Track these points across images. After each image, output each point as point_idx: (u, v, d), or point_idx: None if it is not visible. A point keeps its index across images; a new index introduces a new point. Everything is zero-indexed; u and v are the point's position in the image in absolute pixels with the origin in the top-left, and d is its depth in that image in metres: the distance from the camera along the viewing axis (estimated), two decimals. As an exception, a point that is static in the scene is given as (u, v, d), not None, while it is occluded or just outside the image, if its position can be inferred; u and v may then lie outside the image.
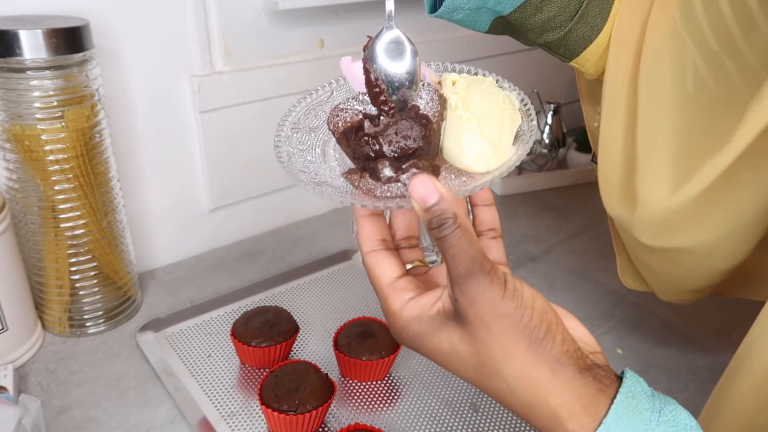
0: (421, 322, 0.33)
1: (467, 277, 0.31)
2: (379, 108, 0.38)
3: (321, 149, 0.40)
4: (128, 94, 0.75)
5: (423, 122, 0.36)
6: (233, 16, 0.79)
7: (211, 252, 0.90)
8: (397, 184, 0.35)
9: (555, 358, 0.31)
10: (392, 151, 0.36)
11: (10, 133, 0.61)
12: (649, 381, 0.69)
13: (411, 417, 0.61)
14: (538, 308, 0.32)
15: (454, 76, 0.39)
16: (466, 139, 0.36)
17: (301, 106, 0.42)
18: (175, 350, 0.68)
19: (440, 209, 0.31)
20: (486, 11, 0.52)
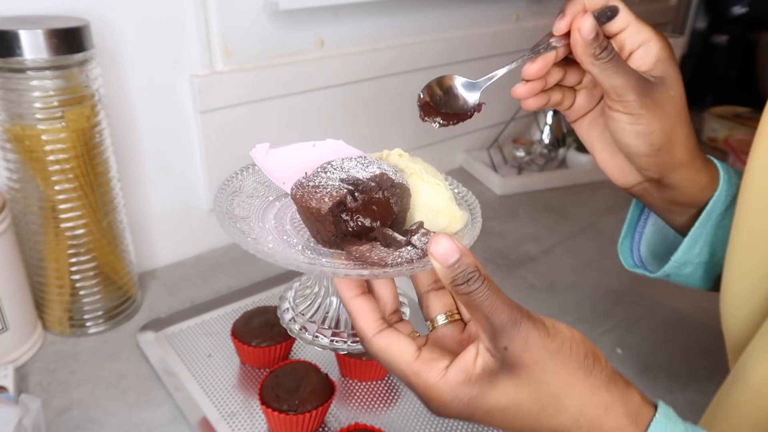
0: (471, 385, 0.32)
1: (513, 324, 0.31)
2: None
3: (271, 236, 0.38)
4: (128, 94, 0.75)
5: (398, 192, 0.36)
6: (233, 16, 0.79)
7: (211, 252, 0.90)
8: (407, 249, 0.34)
9: (608, 378, 0.33)
10: (375, 224, 0.36)
11: (10, 133, 0.61)
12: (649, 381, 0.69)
13: (411, 417, 0.61)
14: (578, 339, 0.33)
15: (397, 150, 0.40)
16: (439, 203, 0.37)
17: (223, 197, 0.40)
18: (175, 350, 0.68)
19: (464, 264, 0.31)
20: (715, 264, 0.49)
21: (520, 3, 1.16)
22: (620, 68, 0.40)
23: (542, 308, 0.79)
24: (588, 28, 0.39)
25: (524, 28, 1.18)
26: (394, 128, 1.05)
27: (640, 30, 0.43)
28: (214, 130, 0.83)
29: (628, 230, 0.54)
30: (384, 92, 0.99)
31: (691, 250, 0.47)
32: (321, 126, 0.94)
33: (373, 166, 0.37)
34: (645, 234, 0.53)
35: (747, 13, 1.45)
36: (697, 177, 0.45)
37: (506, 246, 0.93)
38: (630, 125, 0.42)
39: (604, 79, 0.40)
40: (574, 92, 0.47)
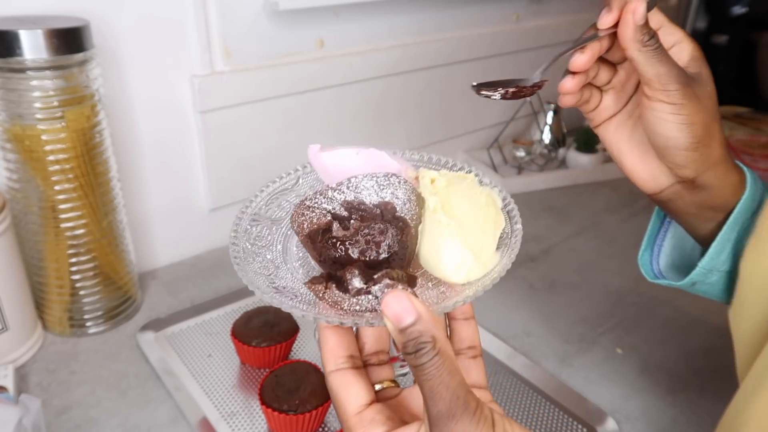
0: None
1: (449, 418, 0.27)
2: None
3: (282, 245, 0.36)
4: (128, 94, 0.75)
5: (399, 225, 0.33)
6: (233, 16, 0.79)
7: (211, 252, 0.90)
8: (367, 297, 0.30)
9: None
10: (363, 257, 0.32)
11: (10, 133, 0.61)
12: (649, 381, 0.69)
13: (411, 417, 0.61)
14: None
15: (432, 173, 0.35)
16: (445, 247, 0.32)
17: (262, 195, 0.38)
18: (175, 350, 0.68)
19: (417, 331, 0.26)
20: (736, 276, 0.47)
21: (520, 3, 1.16)
22: (664, 57, 0.40)
23: (542, 308, 0.79)
24: (642, 12, 0.39)
25: (524, 28, 1.18)
26: (394, 128, 1.05)
27: (674, 31, 0.44)
28: (214, 130, 0.83)
29: (648, 242, 0.53)
30: (384, 92, 0.99)
31: (719, 256, 0.46)
32: (321, 126, 0.94)
33: (388, 191, 0.34)
34: (664, 247, 0.53)
35: (747, 13, 1.45)
36: (729, 176, 0.45)
37: (506, 246, 0.93)
38: (672, 115, 0.41)
39: (649, 67, 0.40)
40: (601, 93, 0.47)
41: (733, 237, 0.45)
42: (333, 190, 0.35)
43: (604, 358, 0.70)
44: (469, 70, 1.10)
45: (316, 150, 0.37)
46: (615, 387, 0.65)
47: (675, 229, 0.52)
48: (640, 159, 0.46)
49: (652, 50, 0.39)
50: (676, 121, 0.41)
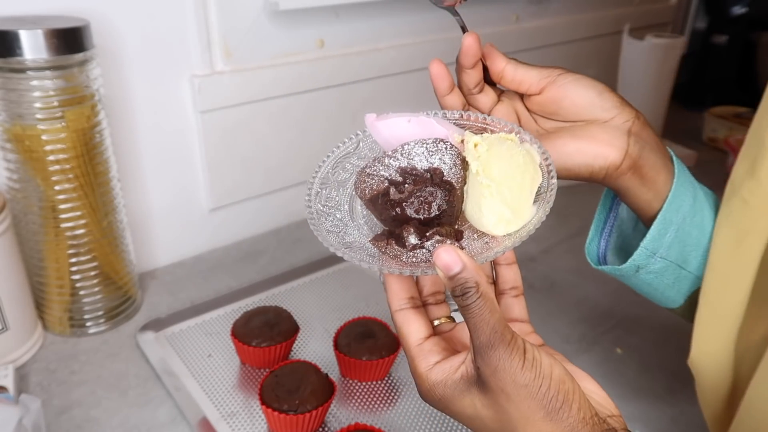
0: (446, 386, 0.35)
1: (488, 347, 0.32)
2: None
3: (349, 205, 0.41)
4: (128, 94, 0.75)
5: (446, 187, 0.38)
6: (233, 16, 0.79)
7: (211, 252, 0.90)
8: (421, 251, 0.36)
9: (571, 427, 0.32)
10: (417, 216, 0.38)
11: (10, 133, 0.62)
12: (649, 381, 0.69)
13: (411, 417, 0.61)
14: (555, 377, 0.32)
15: (476, 138, 0.39)
16: (486, 204, 0.37)
17: (329, 161, 0.43)
18: (175, 350, 0.68)
19: (463, 278, 0.31)
20: (687, 276, 0.48)
21: (520, 3, 1.16)
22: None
23: (542, 308, 0.79)
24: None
25: (524, 28, 1.18)
26: (394, 128, 1.04)
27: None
28: (214, 130, 0.83)
29: (595, 232, 0.53)
30: (384, 92, 0.99)
31: (662, 237, 0.45)
32: (321, 126, 0.94)
33: (437, 156, 0.39)
34: (612, 238, 0.53)
35: (747, 13, 1.45)
36: (663, 158, 0.46)
37: (506, 246, 0.93)
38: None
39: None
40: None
41: (677, 220, 0.45)
42: (389, 157, 0.40)
43: (604, 358, 0.70)
44: (469, 70, 1.10)
45: (373, 119, 0.42)
46: (615, 387, 0.65)
47: (621, 219, 0.53)
48: (574, 139, 0.45)
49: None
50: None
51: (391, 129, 0.41)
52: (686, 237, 0.46)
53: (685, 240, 0.46)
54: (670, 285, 0.48)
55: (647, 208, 0.46)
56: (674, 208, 0.45)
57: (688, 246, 0.46)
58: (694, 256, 0.47)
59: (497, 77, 0.45)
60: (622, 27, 1.20)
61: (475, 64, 0.44)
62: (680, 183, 0.45)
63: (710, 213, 0.47)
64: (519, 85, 0.45)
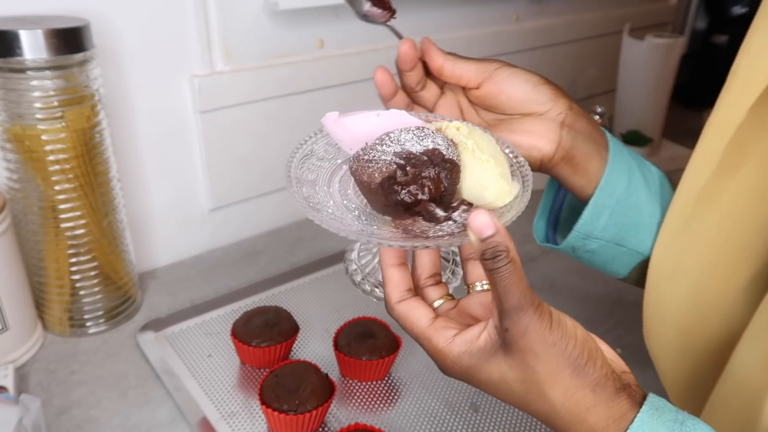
0: (471, 355, 0.35)
1: (519, 309, 0.33)
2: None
3: (334, 201, 0.41)
4: (128, 94, 0.75)
5: (448, 167, 0.38)
6: (233, 16, 0.79)
7: (211, 252, 0.90)
8: (448, 223, 0.37)
9: (595, 381, 0.34)
10: (423, 197, 0.38)
11: (10, 133, 0.62)
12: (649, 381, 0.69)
13: (411, 417, 0.61)
14: (580, 337, 0.34)
15: (455, 123, 0.41)
16: (487, 178, 0.39)
17: (294, 162, 0.42)
18: (175, 350, 0.68)
19: (495, 242, 0.32)
20: (628, 252, 0.50)
21: (520, 3, 1.16)
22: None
23: (542, 308, 0.79)
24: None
25: (524, 28, 1.18)
26: (394, 128, 1.05)
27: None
28: (214, 130, 0.83)
29: (543, 210, 0.55)
30: (384, 92, 0.99)
31: (595, 222, 0.48)
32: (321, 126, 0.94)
33: (428, 140, 0.39)
34: (560, 218, 0.55)
35: (747, 13, 1.45)
36: (596, 144, 0.47)
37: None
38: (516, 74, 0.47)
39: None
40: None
41: (610, 204, 0.47)
42: (379, 144, 0.39)
43: (604, 358, 0.70)
44: (469, 70, 1.10)
45: (335, 117, 0.41)
46: (615, 387, 0.65)
47: (570, 199, 0.55)
48: (510, 132, 0.47)
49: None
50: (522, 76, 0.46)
51: (360, 124, 0.41)
52: (622, 218, 0.48)
53: (621, 221, 0.48)
54: (610, 261, 0.51)
55: (581, 194, 0.48)
56: (606, 193, 0.47)
57: (625, 226, 0.48)
58: (632, 235, 0.49)
59: (437, 73, 0.46)
60: (622, 27, 1.20)
61: (414, 67, 0.45)
62: (613, 168, 0.47)
63: (646, 192, 0.49)
64: (458, 79, 0.46)
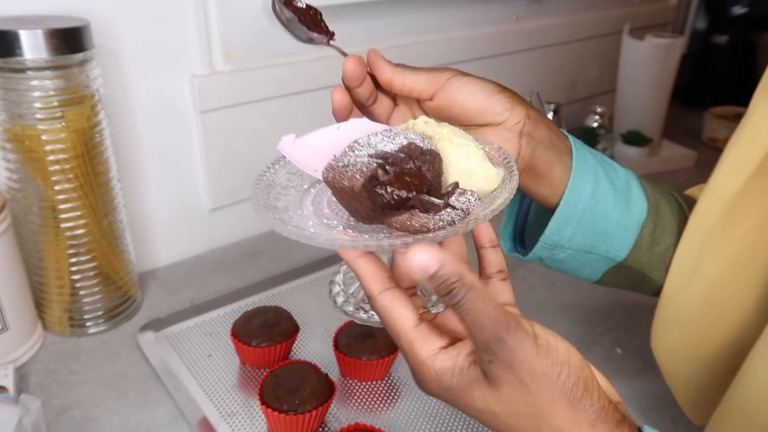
0: (453, 375, 0.32)
1: (496, 342, 0.30)
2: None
3: (312, 222, 0.38)
4: (128, 94, 0.75)
5: (428, 158, 0.36)
6: (233, 16, 0.79)
7: (211, 252, 0.90)
8: (446, 211, 0.34)
9: (595, 415, 0.31)
10: (409, 195, 0.35)
11: (10, 133, 0.61)
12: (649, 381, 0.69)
13: (411, 417, 0.61)
14: (574, 364, 0.31)
15: (423, 118, 0.39)
16: (471, 164, 0.36)
17: (260, 188, 0.40)
18: (175, 350, 0.68)
19: (444, 275, 0.29)
20: (598, 259, 0.48)
21: (520, 3, 1.16)
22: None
23: (542, 308, 0.79)
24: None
25: (524, 28, 1.18)
26: (394, 128, 1.05)
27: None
28: (214, 130, 0.83)
29: (509, 216, 0.52)
30: (384, 92, 0.99)
31: (561, 232, 0.45)
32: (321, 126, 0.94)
33: (400, 137, 0.36)
34: (528, 222, 0.53)
35: (747, 13, 1.45)
36: (559, 151, 0.45)
37: (506, 246, 0.93)
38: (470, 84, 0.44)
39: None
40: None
41: (576, 214, 0.45)
42: (350, 150, 0.37)
43: (604, 358, 0.70)
44: (468, 70, 1.09)
45: (292, 139, 0.38)
46: (615, 387, 0.65)
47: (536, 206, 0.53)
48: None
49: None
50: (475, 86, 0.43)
51: (322, 140, 0.38)
52: (589, 227, 0.46)
53: (589, 230, 0.46)
54: (580, 267, 0.49)
55: (546, 203, 0.46)
56: (572, 203, 0.44)
57: (593, 235, 0.46)
58: (600, 242, 0.47)
59: (387, 86, 0.44)
60: (622, 27, 1.20)
61: (362, 83, 0.43)
62: (577, 176, 0.44)
63: (614, 199, 0.46)
64: (410, 91, 0.43)
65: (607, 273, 0.49)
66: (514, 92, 0.44)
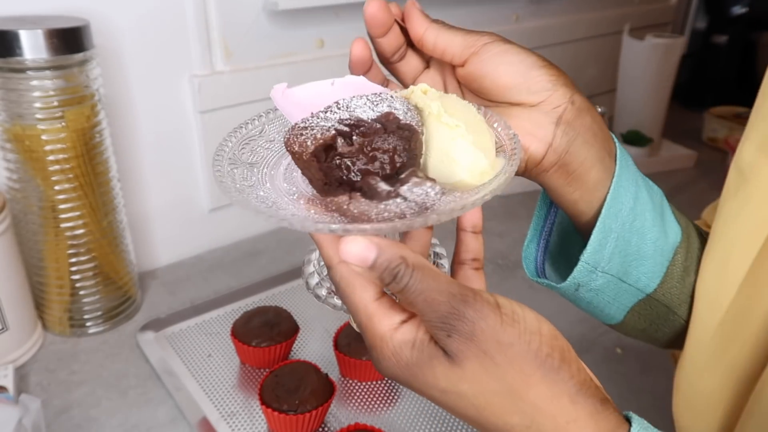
0: (414, 348, 0.29)
1: (454, 315, 0.27)
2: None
3: (270, 183, 0.34)
4: (128, 94, 0.75)
5: (405, 135, 0.31)
6: (233, 16, 0.79)
7: (211, 252, 0.90)
8: (395, 201, 0.29)
9: (576, 388, 0.28)
10: (375, 172, 0.30)
11: (10, 133, 0.61)
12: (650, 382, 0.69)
13: (411, 417, 0.61)
14: (546, 333, 0.28)
15: (422, 86, 0.34)
16: (455, 148, 0.31)
17: (233, 141, 0.36)
18: (175, 350, 0.68)
19: (384, 261, 0.27)
20: (627, 290, 0.41)
21: (520, 3, 1.16)
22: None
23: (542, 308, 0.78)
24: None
25: (524, 28, 1.18)
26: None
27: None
28: (214, 130, 0.83)
29: (534, 233, 0.45)
30: (384, 92, 0.99)
31: (602, 250, 0.39)
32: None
33: (383, 105, 0.32)
34: (550, 244, 0.46)
35: (747, 13, 1.45)
36: (600, 151, 0.38)
37: (506, 246, 0.93)
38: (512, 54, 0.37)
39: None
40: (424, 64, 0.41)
41: (615, 227, 0.38)
42: (323, 112, 0.32)
43: (604, 358, 0.70)
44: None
45: (283, 88, 0.34)
46: (615, 387, 0.65)
47: (561, 220, 0.45)
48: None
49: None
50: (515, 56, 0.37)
51: (311, 94, 0.34)
52: (626, 246, 0.39)
53: (625, 249, 0.39)
54: (610, 302, 0.42)
55: (572, 209, 0.39)
56: (613, 213, 0.38)
57: (629, 256, 0.40)
58: (634, 267, 0.40)
59: (417, 44, 0.38)
60: (622, 27, 1.20)
61: (386, 33, 0.37)
62: (620, 184, 0.38)
63: (652, 215, 0.40)
64: (441, 53, 0.37)
65: (632, 309, 0.43)
66: (560, 70, 0.37)
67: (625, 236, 0.39)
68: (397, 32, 0.38)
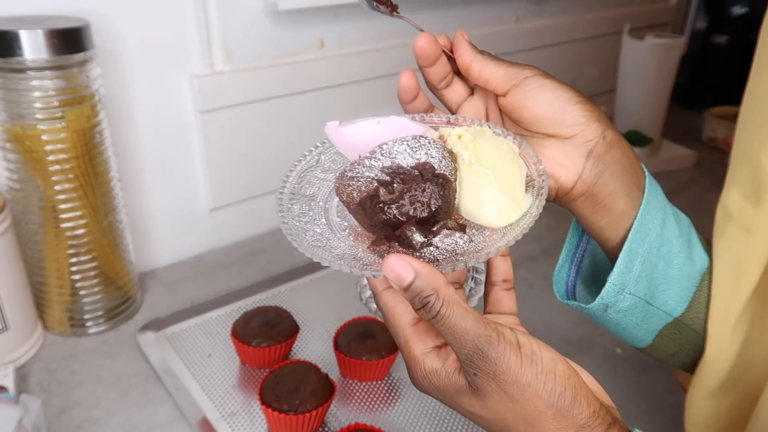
0: (440, 378, 0.33)
1: (478, 356, 0.30)
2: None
3: (326, 218, 0.38)
4: (128, 94, 0.75)
5: (440, 181, 0.35)
6: (233, 16, 0.79)
7: (211, 252, 0.90)
8: (429, 249, 0.33)
9: (583, 422, 0.30)
10: (414, 215, 0.35)
11: (10, 133, 0.62)
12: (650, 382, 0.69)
13: (411, 417, 0.61)
14: (560, 373, 0.31)
15: (457, 130, 0.37)
16: (485, 195, 0.35)
17: (293, 175, 0.40)
18: (175, 350, 0.68)
19: (418, 287, 0.29)
20: (655, 313, 0.43)
21: (520, 3, 1.16)
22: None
23: (542, 308, 0.79)
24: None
25: (524, 28, 1.18)
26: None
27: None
28: (214, 130, 0.83)
29: (566, 258, 0.48)
30: (384, 92, 0.99)
31: (629, 271, 0.41)
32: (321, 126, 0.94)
33: (422, 152, 0.36)
34: (582, 268, 0.48)
35: (747, 13, 1.45)
36: (627, 179, 0.41)
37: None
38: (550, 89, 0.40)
39: None
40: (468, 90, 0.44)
41: (643, 251, 0.41)
42: (368, 158, 0.37)
43: (604, 358, 0.70)
44: (469, 70, 1.10)
45: (336, 126, 0.38)
46: (615, 387, 0.65)
47: (593, 247, 0.48)
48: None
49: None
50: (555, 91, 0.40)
51: (360, 134, 0.38)
52: (653, 270, 0.41)
53: (652, 273, 0.41)
54: (639, 324, 0.44)
55: (599, 236, 0.42)
56: (639, 238, 0.40)
57: (655, 280, 0.42)
58: (661, 290, 0.42)
59: (464, 73, 0.41)
60: (622, 27, 1.20)
61: (434, 63, 0.41)
62: (647, 211, 0.40)
63: (679, 242, 0.42)
64: (485, 83, 0.40)
65: (661, 333, 0.45)
66: (595, 105, 0.40)
67: (652, 260, 0.41)
68: (444, 62, 0.41)
